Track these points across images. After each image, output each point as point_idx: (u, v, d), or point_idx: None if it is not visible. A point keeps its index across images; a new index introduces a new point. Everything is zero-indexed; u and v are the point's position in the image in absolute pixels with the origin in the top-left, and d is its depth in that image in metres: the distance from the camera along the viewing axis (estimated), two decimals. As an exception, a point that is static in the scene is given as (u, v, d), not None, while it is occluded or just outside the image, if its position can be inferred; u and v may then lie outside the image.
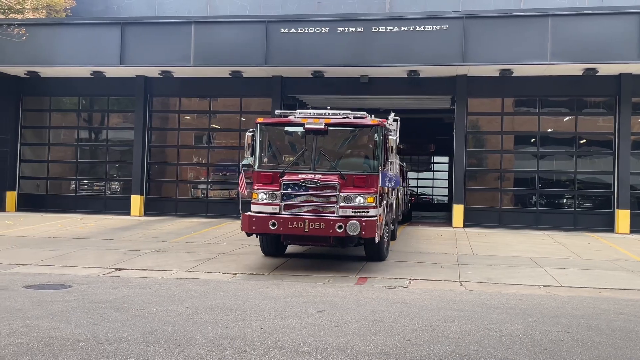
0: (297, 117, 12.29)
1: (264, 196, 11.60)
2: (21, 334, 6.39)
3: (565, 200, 20.88)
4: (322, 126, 11.82)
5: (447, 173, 35.25)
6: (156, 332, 6.59)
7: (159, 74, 21.96)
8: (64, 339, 6.22)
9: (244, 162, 12.50)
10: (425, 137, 31.84)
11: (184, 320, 7.21)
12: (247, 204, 12.34)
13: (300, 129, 12.04)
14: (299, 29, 20.12)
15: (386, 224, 13.17)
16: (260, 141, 12.24)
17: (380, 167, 11.81)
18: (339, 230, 10.98)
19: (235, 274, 11.42)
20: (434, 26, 19.07)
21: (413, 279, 11.07)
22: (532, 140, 21.11)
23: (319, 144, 11.91)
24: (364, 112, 12.41)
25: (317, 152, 11.88)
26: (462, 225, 20.03)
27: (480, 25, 19.22)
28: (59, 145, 24.52)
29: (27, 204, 23.86)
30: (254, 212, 11.66)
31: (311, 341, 6.37)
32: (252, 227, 11.47)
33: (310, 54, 20.07)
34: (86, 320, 7.13)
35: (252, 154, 12.16)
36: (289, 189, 11.50)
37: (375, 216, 11.43)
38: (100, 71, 22.08)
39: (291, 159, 12.28)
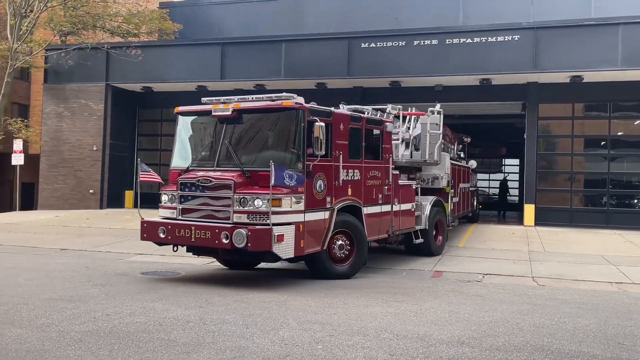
0: (213, 103, 9.55)
1: (166, 198, 9.36)
2: (140, 314, 6.71)
3: (635, 201, 19.63)
4: (230, 112, 9.10)
5: (518, 174, 34.03)
6: (254, 316, 6.73)
7: (254, 87, 22.43)
8: (176, 319, 6.47)
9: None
10: (496, 140, 30.89)
11: (277, 306, 7.33)
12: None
13: (211, 117, 9.40)
14: (378, 43, 20.07)
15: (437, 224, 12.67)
16: (178, 134, 10.08)
17: (299, 163, 8.66)
18: (225, 241, 8.27)
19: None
20: (506, 37, 18.50)
21: (486, 274, 10.74)
22: (602, 143, 19.98)
23: (227, 134, 9.20)
24: (291, 94, 9.12)
25: (223, 145, 9.19)
26: (533, 224, 19.22)
27: (551, 34, 18.44)
28: (168, 151, 25.51)
29: (143, 201, 24.98)
30: (160, 216, 9.42)
31: (392, 329, 6.31)
32: (143, 234, 9.37)
33: (389, 65, 19.96)
34: (194, 303, 7.39)
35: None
36: (186, 190, 9.07)
37: (282, 224, 8.38)
38: (204, 85, 22.84)
39: (204, 153, 9.71)
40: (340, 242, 9.66)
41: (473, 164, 19.08)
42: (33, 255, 12.01)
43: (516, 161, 34.97)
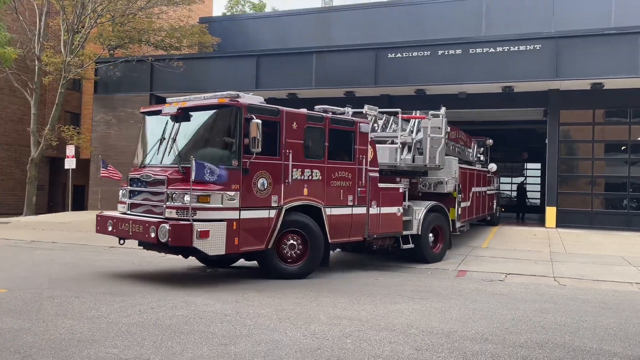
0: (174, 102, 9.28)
1: (121, 194, 9.42)
2: (182, 307, 6.81)
3: (656, 204, 19.11)
4: (175, 111, 8.94)
5: (540, 178, 33.45)
6: (286, 311, 6.76)
7: (286, 95, 22.56)
8: (215, 313, 6.55)
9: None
10: (518, 145, 30.43)
11: (308, 302, 7.35)
12: None
13: (163, 116, 9.26)
14: (404, 53, 19.99)
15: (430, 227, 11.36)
16: (141, 132, 10.01)
17: (233, 160, 8.31)
18: (152, 236, 8.08)
19: (351, 263, 11.45)
20: (528, 46, 18.21)
21: (509, 274, 10.57)
22: (622, 148, 19.49)
23: (174, 131, 9.02)
24: (235, 93, 8.74)
25: (168, 142, 9.07)
26: (554, 226, 18.83)
27: (571, 43, 18.10)
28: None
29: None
30: (118, 211, 9.51)
31: (418, 325, 6.26)
32: (97, 227, 9.42)
33: (414, 74, 19.88)
34: (231, 298, 7.46)
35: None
36: (133, 185, 9.09)
37: (210, 220, 8.05)
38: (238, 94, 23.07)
39: (155, 151, 9.50)
40: (291, 242, 9.15)
41: (493, 167, 18.06)
42: (84, 252, 12.30)
43: (537, 165, 34.43)
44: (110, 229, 9.01)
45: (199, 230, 7.92)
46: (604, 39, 17.96)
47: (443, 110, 12.18)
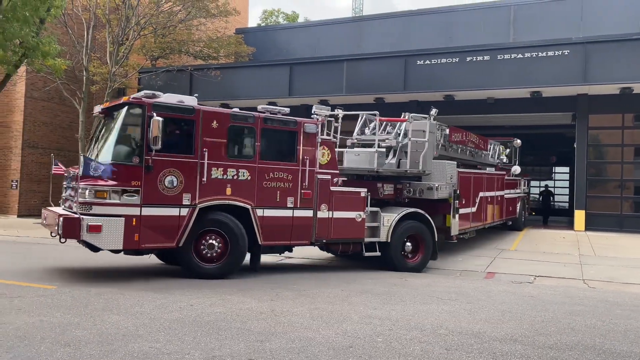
0: None
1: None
2: (219, 305, 6.89)
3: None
4: (100, 110, 9.17)
5: (568, 182, 32.65)
6: (319, 310, 6.76)
7: (318, 102, 22.65)
8: (250, 310, 6.60)
9: None
10: (546, 149, 29.79)
11: (340, 301, 7.34)
12: None
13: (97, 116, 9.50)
14: (433, 60, 19.84)
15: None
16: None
17: (134, 157, 8.17)
18: (58, 229, 8.15)
19: (381, 265, 11.38)
20: (556, 52, 17.82)
21: (538, 276, 10.34)
22: (652, 152, 18.90)
23: (99, 130, 9.27)
24: (152, 92, 8.65)
25: (94, 140, 9.28)
26: (583, 229, 18.34)
27: (600, 48, 17.62)
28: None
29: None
30: None
31: (447, 325, 6.18)
32: (42, 220, 9.56)
33: (443, 80, 19.69)
34: (266, 296, 7.50)
35: None
36: (65, 181, 9.31)
37: (105, 215, 7.95)
38: (274, 102, 23.16)
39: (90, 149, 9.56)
40: (211, 241, 8.84)
41: (517, 169, 17.43)
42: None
43: (566, 169, 33.66)
44: (44, 222, 9.24)
45: (88, 224, 7.87)
46: (633, 43, 17.46)
47: (434, 112, 11.59)
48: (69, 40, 24.84)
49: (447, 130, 13.05)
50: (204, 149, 8.68)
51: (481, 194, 13.83)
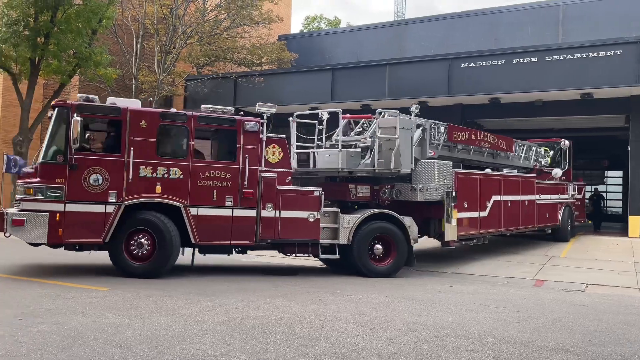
0: None
1: None
2: (264, 308, 6.96)
3: None
4: (48, 113, 9.56)
5: (622, 186, 31.35)
6: (363, 315, 6.73)
7: (360, 107, 22.60)
8: (294, 315, 6.63)
9: None
10: (598, 153, 28.68)
11: (384, 307, 7.28)
12: None
13: None
14: (478, 62, 19.48)
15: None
16: None
17: (58, 156, 8.62)
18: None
19: (424, 270, 11.24)
20: (608, 52, 17.17)
21: (590, 284, 9.96)
22: None
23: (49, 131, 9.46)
24: (85, 95, 9.18)
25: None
26: (638, 235, 17.55)
27: (655, 47, 16.90)
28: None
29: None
30: None
31: (495, 333, 6.04)
32: None
33: (488, 83, 19.31)
34: (309, 301, 7.53)
35: None
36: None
37: (29, 211, 8.42)
38: (316, 107, 23.11)
39: None
40: (141, 240, 8.94)
41: (557, 172, 16.11)
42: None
43: (619, 173, 32.36)
44: None
45: (12, 218, 8.39)
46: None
47: (414, 108, 10.98)
48: (119, 50, 25.70)
49: (443, 128, 12.19)
50: (131, 148, 8.88)
51: (495, 198, 12.74)
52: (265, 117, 9.84)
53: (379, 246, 10.20)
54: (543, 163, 17.01)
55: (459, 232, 11.23)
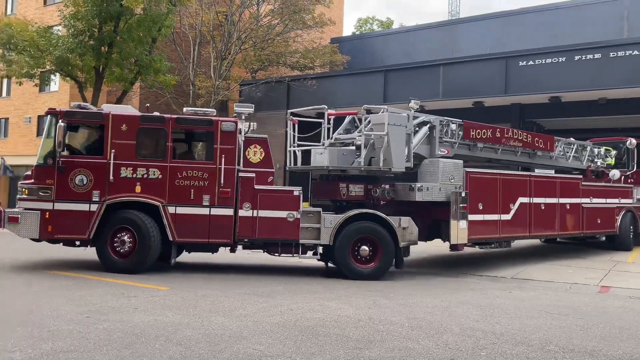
0: None
1: None
2: (318, 310, 6.98)
3: None
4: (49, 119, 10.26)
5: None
6: (418, 319, 6.64)
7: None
8: (348, 317, 6.62)
9: None
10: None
11: (440, 312, 7.15)
12: None
13: None
14: (537, 60, 18.90)
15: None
16: None
17: (48, 159, 9.34)
18: None
19: (482, 275, 10.95)
20: (679, 46, 16.23)
21: (661, 292, 9.39)
22: None
23: None
24: (79, 103, 9.97)
25: None
26: None
27: None
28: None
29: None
30: None
31: (557, 341, 5.80)
32: None
33: (548, 81, 18.68)
34: (363, 304, 7.49)
35: None
36: None
37: (24, 209, 9.27)
38: (369, 109, 23.30)
39: None
40: (124, 237, 9.36)
41: (615, 174, 14.64)
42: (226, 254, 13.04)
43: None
44: None
45: (8, 215, 9.35)
46: None
47: (412, 104, 10.54)
48: (177, 57, 26.54)
49: (455, 126, 11.47)
50: (112, 150, 9.42)
51: (523, 200, 11.73)
52: (243, 117, 10.00)
53: (365, 247, 9.86)
54: (599, 164, 15.49)
55: (471, 235, 10.56)
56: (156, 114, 10.11)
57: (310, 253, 9.92)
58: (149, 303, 7.10)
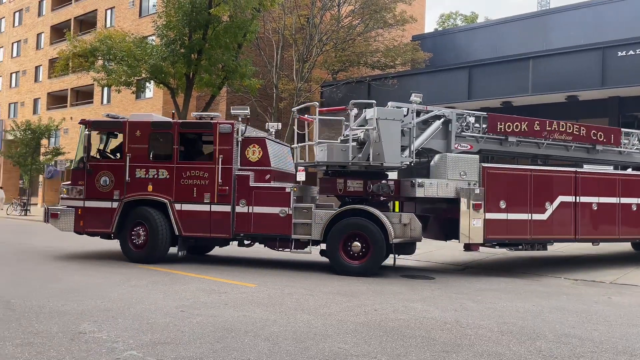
0: None
1: None
2: (402, 312, 6.91)
3: None
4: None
5: None
6: (508, 324, 6.38)
7: (500, 104, 21.54)
8: (434, 320, 6.50)
9: None
10: None
11: (532, 317, 6.83)
12: None
13: None
14: (637, 50, 17.48)
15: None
16: None
17: (80, 163, 10.89)
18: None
19: (577, 279, 10.33)
20: None
21: None
22: None
23: None
24: (109, 114, 11.24)
25: None
26: None
27: None
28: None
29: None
30: None
31: (666, 353, 5.35)
32: None
33: (651, 72, 17.25)
34: (449, 307, 7.32)
35: None
36: None
37: (64, 207, 10.90)
38: (452, 106, 22.67)
39: None
40: (140, 231, 10.54)
41: None
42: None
43: None
44: None
45: (51, 212, 10.94)
46: None
47: (413, 97, 10.28)
48: (261, 61, 27.29)
49: (473, 119, 11.02)
50: (128, 154, 10.64)
51: (564, 199, 10.77)
52: (240, 119, 10.68)
53: (357, 243, 9.88)
54: None
55: (490, 235, 10.08)
56: (164, 119, 11.47)
57: (308, 248, 10.23)
58: (238, 299, 7.37)
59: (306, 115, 11.75)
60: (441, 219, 10.66)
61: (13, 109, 47.91)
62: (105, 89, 28.06)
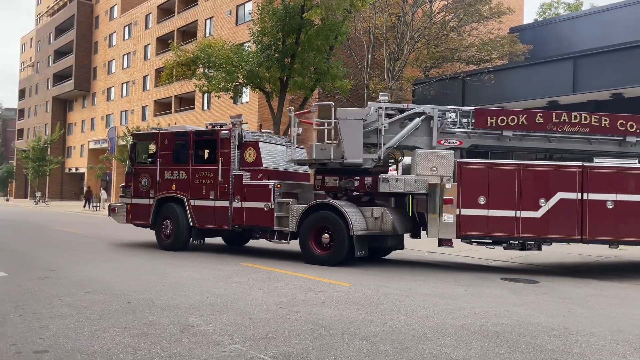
0: None
1: None
2: (504, 316, 6.63)
3: None
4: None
5: None
6: (624, 333, 5.91)
7: (610, 96, 20.01)
8: (540, 326, 6.17)
9: None
10: None
11: (651, 327, 6.27)
12: None
13: None
14: None
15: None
16: None
17: (131, 168, 13.39)
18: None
19: None
20: None
21: None
22: None
23: None
24: (157, 127, 13.86)
25: None
26: None
27: None
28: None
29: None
30: None
31: None
32: None
33: None
34: (556, 312, 6.92)
35: None
36: None
37: (120, 203, 13.58)
38: (555, 100, 21.43)
39: None
40: (168, 224, 12.66)
41: None
42: (411, 252, 13.10)
43: None
44: None
45: (111, 208, 13.80)
46: None
47: (380, 97, 10.92)
48: (352, 62, 27.40)
49: (453, 115, 10.92)
50: (159, 159, 12.90)
51: (565, 195, 10.00)
52: (237, 125, 12.00)
53: (326, 235, 10.69)
54: None
55: (465, 232, 10.15)
56: (186, 128, 13.14)
57: (288, 240, 11.29)
58: (334, 298, 7.45)
59: (303, 117, 13.54)
60: (414, 214, 11.04)
61: (124, 116, 51.99)
62: (206, 95, 29.57)
